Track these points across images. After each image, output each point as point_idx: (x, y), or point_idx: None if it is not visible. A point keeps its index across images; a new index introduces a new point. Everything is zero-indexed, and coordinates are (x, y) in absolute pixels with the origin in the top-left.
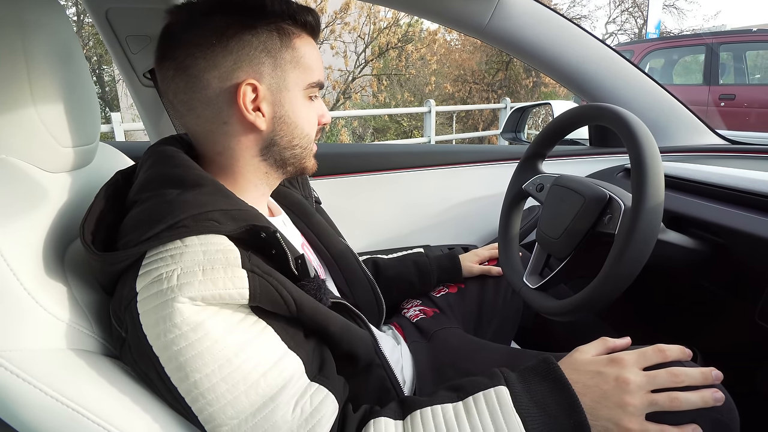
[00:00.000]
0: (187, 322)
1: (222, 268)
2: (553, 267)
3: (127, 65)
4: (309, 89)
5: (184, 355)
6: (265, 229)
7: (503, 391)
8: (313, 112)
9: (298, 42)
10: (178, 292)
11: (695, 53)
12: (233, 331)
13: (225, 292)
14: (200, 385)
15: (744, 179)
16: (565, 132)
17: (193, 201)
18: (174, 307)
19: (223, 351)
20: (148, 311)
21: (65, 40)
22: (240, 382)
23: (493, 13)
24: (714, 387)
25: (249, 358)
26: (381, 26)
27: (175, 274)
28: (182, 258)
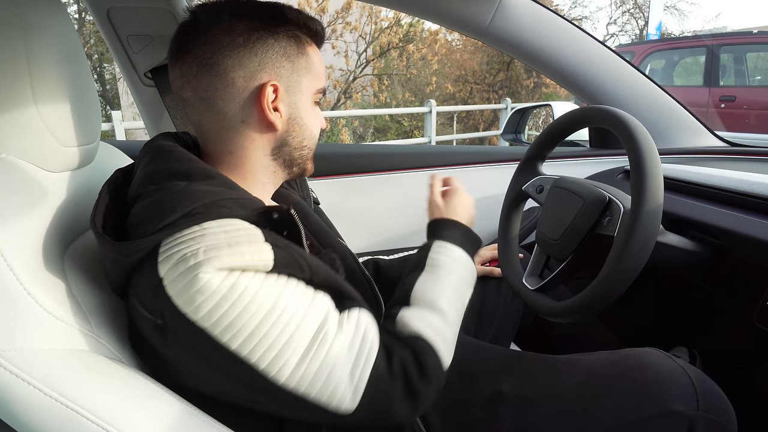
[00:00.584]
0: (222, 287)
1: (247, 244)
2: (552, 268)
3: (128, 64)
4: (316, 94)
5: (231, 314)
6: (277, 209)
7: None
8: (318, 116)
9: (310, 50)
10: (205, 266)
11: (696, 55)
12: (266, 283)
13: (251, 263)
14: (257, 334)
15: (743, 182)
16: (566, 134)
17: (203, 191)
18: (205, 279)
19: (265, 300)
20: (180, 290)
21: (67, 39)
22: (290, 321)
23: (494, 14)
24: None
25: (290, 299)
26: (382, 26)
27: (201, 251)
28: (203, 238)
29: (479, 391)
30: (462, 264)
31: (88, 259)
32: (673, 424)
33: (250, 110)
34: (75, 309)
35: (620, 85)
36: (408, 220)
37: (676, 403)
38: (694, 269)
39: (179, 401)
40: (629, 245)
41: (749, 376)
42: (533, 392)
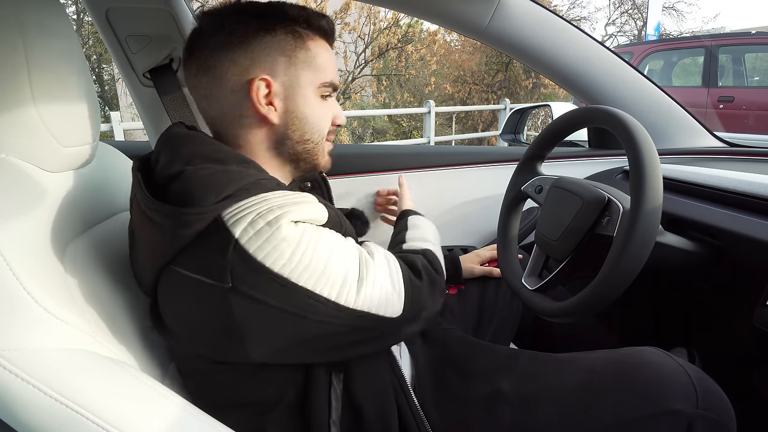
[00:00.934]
0: (296, 236)
1: (306, 203)
2: (551, 268)
3: (127, 65)
4: (322, 88)
5: (305, 259)
6: (310, 178)
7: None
8: (327, 110)
9: (311, 44)
10: (283, 219)
11: (694, 55)
12: (323, 234)
13: (313, 217)
14: (327, 272)
15: (742, 182)
16: (565, 134)
17: (245, 173)
18: (286, 230)
19: (327, 244)
20: (263, 245)
21: (66, 39)
22: (344, 258)
23: (493, 14)
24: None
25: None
26: (381, 27)
27: (275, 208)
28: (267, 202)
29: (479, 389)
30: (430, 225)
31: (88, 258)
32: (672, 422)
33: (245, 105)
34: (74, 309)
35: (619, 86)
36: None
37: (676, 402)
38: (694, 269)
39: (179, 400)
40: (628, 245)
41: (748, 376)
42: (533, 391)
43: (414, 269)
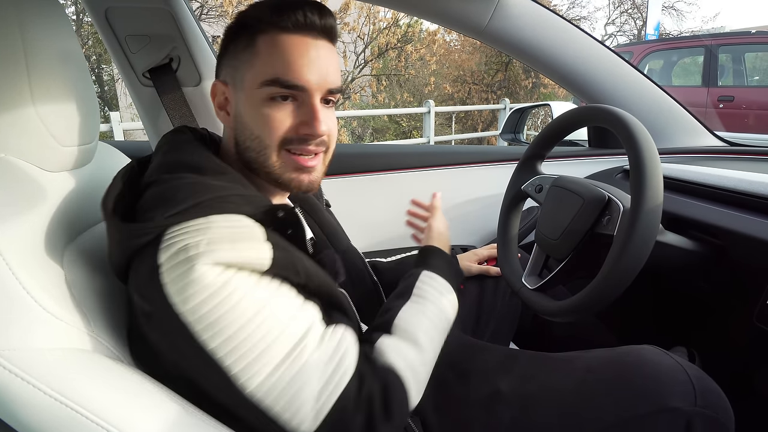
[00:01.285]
0: (214, 283)
1: (248, 240)
2: (551, 268)
3: (127, 65)
4: (267, 88)
5: (215, 313)
6: (283, 207)
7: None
8: (276, 114)
9: (260, 39)
10: (203, 258)
11: (694, 55)
12: (256, 288)
13: (248, 260)
14: (235, 339)
15: (742, 181)
16: (564, 133)
17: (213, 185)
18: (201, 271)
19: (252, 303)
20: (175, 279)
21: (65, 39)
22: (271, 329)
23: (493, 14)
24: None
25: (276, 306)
26: (380, 26)
27: (203, 243)
28: (207, 231)
29: (477, 390)
30: (447, 298)
31: (87, 258)
32: (670, 420)
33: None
34: (74, 308)
35: (619, 85)
36: (406, 219)
37: (674, 400)
38: (694, 269)
39: (178, 400)
40: (629, 244)
41: (748, 376)
42: (532, 391)
43: (359, 395)
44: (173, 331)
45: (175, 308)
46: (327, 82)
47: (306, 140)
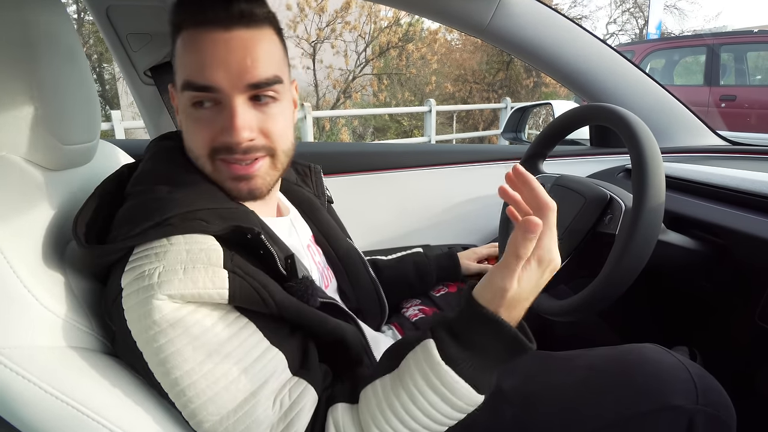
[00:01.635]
0: (166, 319)
1: (203, 268)
2: None
3: (128, 63)
4: (185, 92)
5: (164, 351)
6: (249, 230)
7: (429, 344)
8: (198, 122)
9: (179, 40)
10: (158, 290)
11: (696, 54)
12: (213, 328)
13: (204, 291)
14: (181, 382)
15: (745, 180)
16: (566, 132)
17: (183, 199)
18: (153, 304)
19: (203, 347)
20: (131, 307)
21: (66, 38)
22: (221, 378)
23: (495, 12)
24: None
25: (229, 355)
26: (382, 25)
27: (157, 272)
28: (166, 256)
29: None
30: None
31: (84, 259)
32: (672, 418)
33: None
34: (75, 306)
35: (621, 84)
36: (407, 218)
37: (676, 398)
38: (696, 268)
39: None
40: (630, 244)
41: (750, 375)
42: (533, 389)
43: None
44: (133, 356)
45: (132, 336)
46: (243, 79)
47: (230, 150)
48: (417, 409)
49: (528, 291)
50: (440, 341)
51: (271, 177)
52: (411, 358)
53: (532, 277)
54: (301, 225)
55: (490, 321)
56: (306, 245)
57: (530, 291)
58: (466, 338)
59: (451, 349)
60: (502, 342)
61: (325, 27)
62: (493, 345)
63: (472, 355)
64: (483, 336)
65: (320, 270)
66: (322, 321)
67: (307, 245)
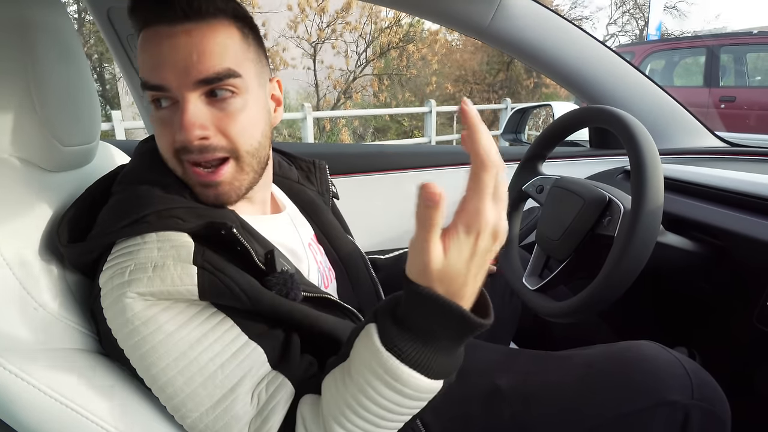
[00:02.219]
0: (138, 317)
1: (172, 264)
2: (552, 268)
3: (128, 64)
4: (146, 93)
5: (140, 348)
6: (222, 225)
7: (371, 329)
8: (160, 122)
9: (139, 40)
10: (128, 288)
11: (696, 55)
12: (188, 324)
13: (173, 288)
14: (159, 379)
15: (744, 182)
16: (566, 134)
17: (161, 197)
18: (125, 303)
19: (178, 344)
20: (108, 306)
21: (66, 38)
22: (197, 374)
23: (494, 14)
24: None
25: (205, 351)
26: (382, 26)
27: (128, 270)
28: (138, 254)
29: (477, 387)
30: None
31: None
32: (668, 413)
33: None
34: (74, 308)
35: (620, 85)
36: (407, 219)
37: (672, 393)
38: (695, 269)
39: None
40: (629, 245)
41: (749, 376)
42: (532, 388)
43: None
44: (115, 353)
45: (113, 333)
46: (190, 75)
47: (186, 150)
48: (368, 401)
49: (462, 262)
50: (382, 325)
51: (239, 182)
52: (357, 344)
53: (463, 246)
54: (301, 223)
55: (422, 297)
56: (307, 244)
57: (466, 262)
58: (409, 320)
59: (392, 333)
60: (446, 319)
61: (326, 27)
62: (435, 323)
63: (415, 336)
64: (422, 316)
65: (321, 269)
66: (305, 315)
67: (308, 244)
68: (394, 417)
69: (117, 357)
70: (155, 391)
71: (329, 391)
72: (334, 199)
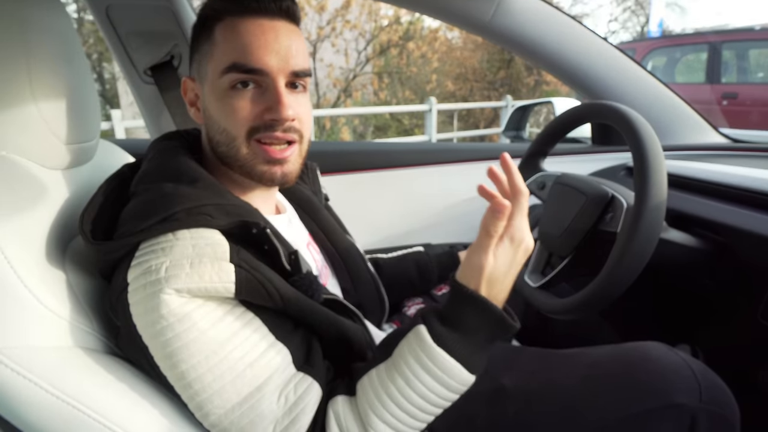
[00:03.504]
0: (174, 314)
1: (209, 262)
2: (554, 265)
3: (128, 62)
4: (228, 75)
5: (171, 345)
6: (255, 225)
7: (420, 329)
8: (239, 102)
9: (217, 29)
10: (165, 284)
11: (698, 52)
12: (220, 322)
13: (211, 285)
14: (187, 376)
15: (747, 178)
16: (567, 130)
17: (189, 194)
18: (161, 299)
19: (209, 342)
20: (138, 302)
21: (66, 37)
22: (226, 372)
23: (496, 10)
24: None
25: (235, 349)
26: (382, 24)
27: (164, 266)
28: (172, 251)
29: (480, 385)
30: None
31: (89, 256)
32: (675, 416)
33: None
34: (77, 306)
35: (622, 82)
36: (408, 217)
37: (679, 396)
38: (698, 266)
39: (178, 399)
40: (632, 242)
41: (753, 373)
42: (535, 387)
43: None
44: (137, 351)
45: (138, 330)
46: (289, 65)
47: (273, 126)
48: (412, 392)
49: (505, 267)
50: (430, 325)
51: (298, 164)
52: (404, 344)
53: (507, 253)
54: (298, 224)
55: (472, 299)
56: (306, 243)
57: (507, 268)
58: (454, 319)
59: (441, 331)
60: (487, 319)
61: (326, 25)
62: (478, 323)
63: (461, 335)
64: (468, 315)
65: (319, 268)
66: (326, 316)
67: (307, 243)
68: (432, 409)
69: (132, 353)
70: (179, 388)
71: (370, 388)
72: (328, 200)
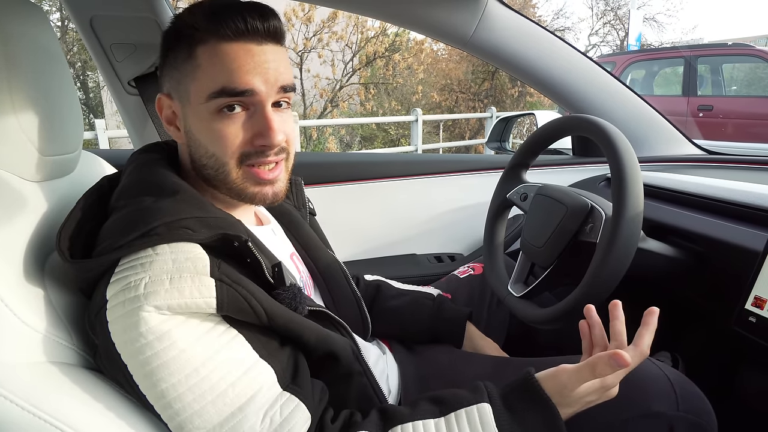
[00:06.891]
0: (153, 331)
1: (190, 277)
2: (537, 275)
3: (112, 73)
4: (215, 100)
5: (150, 363)
6: (236, 238)
7: (486, 408)
8: (228, 129)
9: (200, 50)
10: (144, 301)
11: (674, 65)
12: (201, 340)
13: (191, 301)
14: (167, 395)
15: (721, 189)
16: (549, 142)
17: (168, 208)
18: (140, 316)
19: (190, 360)
20: (117, 319)
21: (47, 48)
22: (207, 391)
23: (477, 25)
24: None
25: (217, 368)
26: (368, 35)
27: (143, 283)
28: (151, 266)
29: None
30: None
31: (68, 273)
32: (653, 425)
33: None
34: (55, 321)
35: (601, 95)
36: (394, 228)
37: (656, 404)
38: (676, 275)
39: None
40: (611, 251)
41: (729, 380)
42: None
43: None
44: (116, 369)
45: (116, 348)
46: (278, 82)
47: (264, 152)
48: None
49: (580, 399)
50: (497, 409)
51: (285, 180)
52: (465, 414)
53: (591, 392)
54: (281, 236)
55: (545, 404)
56: (290, 253)
57: (580, 400)
58: (520, 415)
59: (505, 420)
60: (547, 426)
61: (312, 37)
62: (537, 426)
63: (518, 427)
64: (532, 414)
65: (303, 280)
66: (313, 330)
67: (291, 254)
68: None
69: (111, 372)
70: (159, 407)
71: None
72: (311, 215)
